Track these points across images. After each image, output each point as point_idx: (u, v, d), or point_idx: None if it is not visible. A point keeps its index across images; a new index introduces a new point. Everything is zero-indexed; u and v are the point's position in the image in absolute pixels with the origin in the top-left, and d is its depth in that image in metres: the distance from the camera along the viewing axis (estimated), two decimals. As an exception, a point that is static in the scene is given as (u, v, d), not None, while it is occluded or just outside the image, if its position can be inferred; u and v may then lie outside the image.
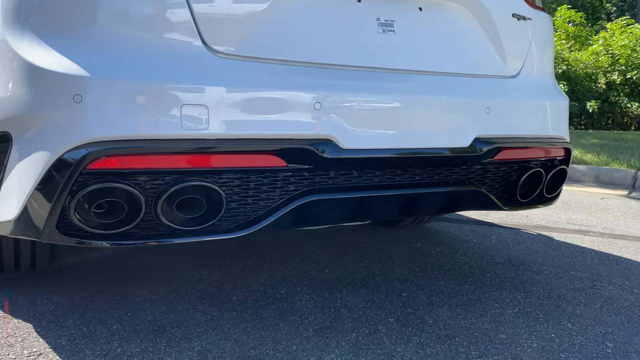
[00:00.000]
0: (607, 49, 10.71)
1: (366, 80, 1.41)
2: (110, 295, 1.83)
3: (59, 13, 1.21)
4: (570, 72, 10.67)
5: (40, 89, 1.18)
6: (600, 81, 10.60)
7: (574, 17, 11.79)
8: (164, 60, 1.21)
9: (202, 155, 1.23)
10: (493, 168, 1.67)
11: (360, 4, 1.45)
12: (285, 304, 1.79)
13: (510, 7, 1.69)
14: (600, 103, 10.34)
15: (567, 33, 11.74)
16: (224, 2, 1.28)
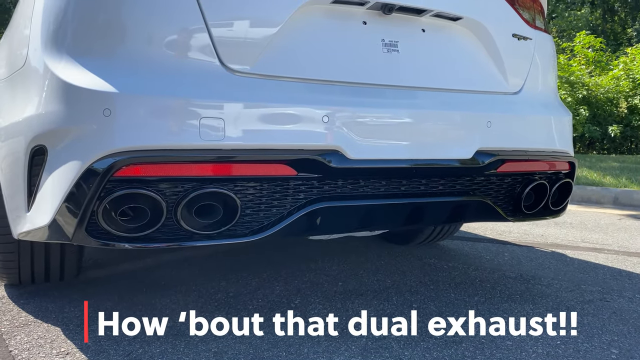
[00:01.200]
0: (628, 74, 10.68)
1: (371, 96, 1.51)
2: (133, 304, 1.93)
3: (91, 37, 1.34)
4: (590, 97, 10.65)
5: (74, 104, 1.30)
6: (621, 105, 10.55)
7: (593, 42, 11.82)
8: (185, 78, 1.33)
9: (218, 164, 1.34)
10: (497, 180, 1.74)
11: (366, 26, 1.57)
12: (298, 312, 1.86)
13: (510, 28, 1.79)
14: (622, 127, 10.27)
15: (587, 58, 11.75)
16: (240, 26, 1.40)
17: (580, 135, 10.55)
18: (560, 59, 11.23)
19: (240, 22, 1.40)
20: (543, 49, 1.92)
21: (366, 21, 1.57)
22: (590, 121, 10.43)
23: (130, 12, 1.34)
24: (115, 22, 1.34)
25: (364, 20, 1.57)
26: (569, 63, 11.26)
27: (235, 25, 1.39)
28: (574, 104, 10.37)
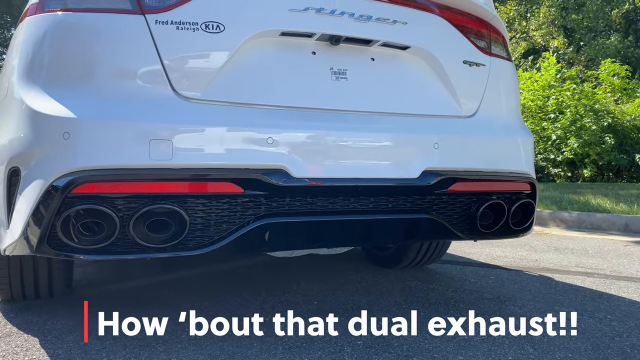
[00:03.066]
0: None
1: (316, 120, 1.62)
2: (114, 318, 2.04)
3: (57, 70, 1.51)
4: (617, 125, 10.49)
5: (40, 129, 1.46)
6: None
7: (618, 70, 11.70)
8: (138, 104, 1.47)
9: (166, 182, 1.46)
10: (449, 199, 1.80)
11: (315, 56, 1.69)
12: (265, 328, 1.94)
13: (460, 55, 1.88)
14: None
15: (612, 86, 11.62)
16: (191, 57, 1.54)
17: (607, 163, 10.37)
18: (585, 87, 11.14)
19: (191, 53, 1.54)
20: (500, 74, 2.00)
21: (315, 51, 1.69)
22: (616, 149, 10.25)
23: (90, 48, 1.50)
24: (77, 57, 1.50)
25: (313, 51, 1.69)
26: (594, 91, 11.15)
27: (187, 56, 1.54)
28: (599, 132, 10.22)
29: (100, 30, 1.50)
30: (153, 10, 1.51)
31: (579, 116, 10.54)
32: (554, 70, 11.61)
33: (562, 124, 10.61)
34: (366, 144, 1.65)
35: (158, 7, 1.52)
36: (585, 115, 10.47)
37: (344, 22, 1.68)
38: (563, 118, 10.64)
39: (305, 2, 1.64)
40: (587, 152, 10.25)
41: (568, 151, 10.40)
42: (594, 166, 10.39)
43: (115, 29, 1.50)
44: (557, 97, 11.03)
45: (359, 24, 1.70)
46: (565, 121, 10.56)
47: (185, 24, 1.52)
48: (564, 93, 11.00)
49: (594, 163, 10.39)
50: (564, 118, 10.61)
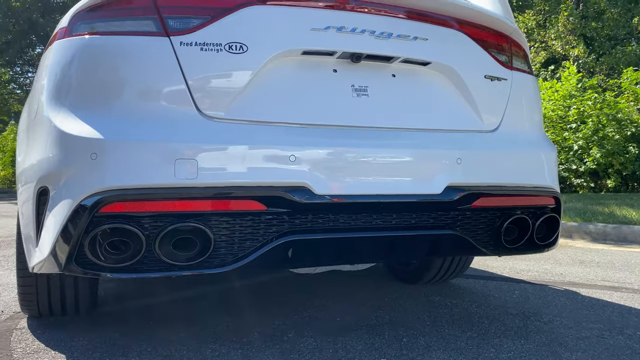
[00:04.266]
0: (680, 109, 10.32)
1: (338, 137, 1.63)
2: (137, 335, 2.06)
3: (85, 92, 1.54)
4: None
5: (68, 149, 1.49)
6: (674, 142, 10.15)
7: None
8: (163, 124, 1.50)
9: (191, 201, 1.48)
10: (473, 214, 1.79)
11: (337, 73, 1.70)
12: (288, 345, 1.94)
13: (482, 70, 1.88)
14: (676, 164, 9.86)
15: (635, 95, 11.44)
16: (215, 77, 1.56)
17: (632, 173, 10.19)
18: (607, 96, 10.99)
19: (215, 74, 1.56)
20: (522, 87, 1.99)
21: (336, 69, 1.71)
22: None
23: (117, 70, 1.53)
24: (104, 79, 1.53)
25: (335, 69, 1.70)
26: (617, 100, 11.00)
27: (211, 76, 1.56)
28: (622, 142, 10.06)
29: (127, 52, 1.54)
30: (178, 32, 1.54)
31: (601, 126, 10.40)
32: (574, 79, 11.49)
33: (584, 134, 10.48)
34: (388, 160, 1.65)
35: (182, 29, 1.55)
36: (607, 124, 10.32)
37: (365, 40, 1.69)
38: (585, 128, 10.51)
39: (326, 21, 1.66)
40: (610, 162, 10.09)
41: (591, 161, 10.24)
42: (617, 176, 10.22)
43: (141, 51, 1.53)
44: (578, 107, 10.91)
45: (380, 41, 1.71)
46: (587, 131, 10.42)
47: (209, 45, 1.55)
48: (585, 102, 10.88)
49: (617, 173, 10.22)
50: (586, 128, 10.48)
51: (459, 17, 1.87)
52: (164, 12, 1.56)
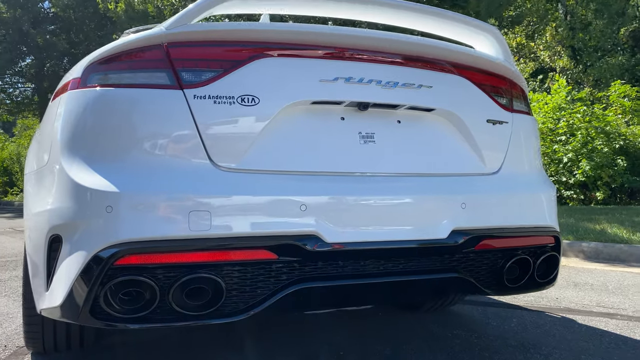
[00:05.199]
0: (667, 122, 10.50)
1: (347, 184, 1.66)
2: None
3: (99, 144, 1.57)
4: (629, 147, 10.49)
5: (83, 201, 1.51)
6: (661, 155, 10.32)
7: (629, 91, 11.71)
8: (177, 176, 1.53)
9: (205, 252, 1.51)
10: (476, 256, 1.83)
11: (344, 121, 1.74)
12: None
13: (484, 114, 1.93)
14: (663, 177, 10.02)
15: (623, 108, 11.63)
16: (227, 128, 1.60)
17: (620, 185, 10.34)
18: (595, 108, 11.16)
19: (228, 126, 1.60)
20: (522, 129, 2.04)
21: (344, 117, 1.75)
22: (629, 171, 10.22)
23: (131, 122, 1.56)
24: (118, 131, 1.56)
25: (342, 116, 1.75)
26: (605, 113, 11.17)
27: (224, 128, 1.59)
28: (611, 155, 10.21)
29: (141, 105, 1.57)
30: (191, 85, 1.58)
31: (590, 138, 10.55)
32: (564, 92, 11.65)
33: (573, 146, 10.61)
34: (396, 207, 1.69)
35: (196, 82, 1.58)
36: (596, 137, 10.47)
37: (372, 90, 1.74)
38: (574, 140, 10.65)
39: (334, 71, 1.70)
40: (599, 174, 10.22)
41: (580, 174, 10.38)
42: (606, 189, 10.35)
43: (156, 104, 1.56)
44: (567, 119, 11.06)
45: (387, 91, 1.75)
46: (576, 143, 10.56)
47: (222, 98, 1.58)
48: (575, 115, 11.03)
49: (606, 185, 10.36)
50: (575, 140, 10.62)
51: (462, 63, 1.92)
52: (177, 65, 1.59)
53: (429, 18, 1.96)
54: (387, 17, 2.08)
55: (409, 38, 1.82)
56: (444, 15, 1.95)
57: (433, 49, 1.87)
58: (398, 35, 1.81)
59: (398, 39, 1.81)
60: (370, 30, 1.81)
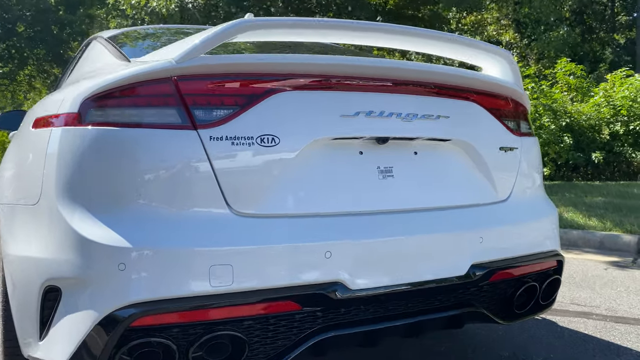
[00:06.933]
0: (609, 101, 10.95)
1: (370, 225, 1.59)
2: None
3: (106, 193, 1.41)
4: (574, 124, 10.89)
5: (90, 257, 1.37)
6: (604, 132, 10.80)
7: (574, 69, 12.11)
8: (195, 228, 1.41)
9: (227, 308, 1.41)
10: (489, 288, 1.82)
11: (362, 155, 1.66)
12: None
13: (496, 142, 1.89)
14: (605, 154, 10.51)
15: (568, 85, 12.03)
16: (247, 171, 1.47)
17: (565, 161, 10.78)
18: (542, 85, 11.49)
19: (248, 168, 1.47)
20: (529, 152, 2.02)
21: (362, 151, 1.66)
22: (574, 148, 10.65)
23: (141, 167, 1.41)
24: (126, 177, 1.41)
25: (361, 150, 1.66)
26: (552, 91, 11.52)
27: (243, 171, 1.47)
28: (558, 131, 10.58)
29: (152, 147, 1.42)
30: (206, 124, 1.44)
31: (537, 115, 10.87)
32: (513, 69, 11.90)
33: (522, 123, 10.92)
34: (418, 247, 1.64)
35: (211, 121, 1.45)
36: (544, 114, 10.81)
37: (392, 124, 1.65)
38: (523, 117, 10.95)
39: (355, 105, 1.60)
40: (546, 151, 10.60)
41: (529, 150, 10.71)
42: (552, 165, 10.77)
43: (168, 146, 1.42)
44: (517, 97, 11.34)
45: (406, 123, 1.68)
46: (525, 120, 10.87)
47: (240, 139, 1.45)
48: (524, 92, 11.31)
49: (552, 162, 10.77)
50: (524, 117, 10.93)
51: (477, 89, 1.86)
52: (189, 102, 1.45)
53: (447, 44, 1.88)
54: (407, 44, 1.99)
55: (429, 67, 1.75)
56: (459, 41, 1.88)
57: (452, 77, 1.80)
58: (418, 65, 1.73)
59: (419, 68, 1.73)
60: (390, 60, 1.73)
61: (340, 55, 1.84)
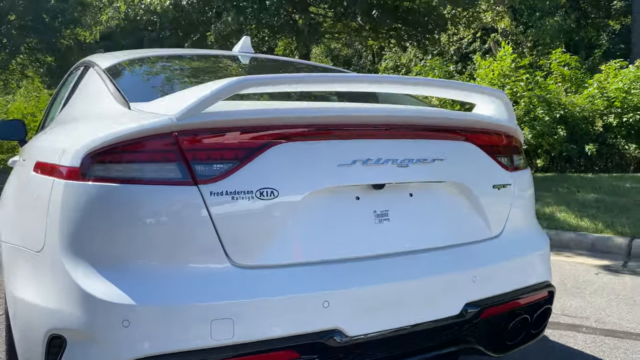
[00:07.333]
0: (602, 92, 10.99)
1: (366, 271, 1.63)
2: None
3: (109, 250, 1.45)
4: (567, 116, 10.94)
5: (94, 313, 1.41)
6: (597, 124, 10.86)
7: (569, 60, 12.12)
8: (196, 282, 1.44)
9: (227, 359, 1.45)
10: (482, 323, 1.87)
11: (359, 200, 1.69)
12: None
13: (490, 181, 1.92)
14: (598, 145, 10.58)
15: (562, 76, 12.06)
16: (247, 224, 1.50)
17: (559, 153, 10.85)
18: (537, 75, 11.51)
19: (248, 221, 1.50)
20: (521, 187, 2.06)
21: (359, 196, 1.69)
22: (567, 140, 10.71)
23: (143, 224, 1.44)
24: (129, 234, 1.44)
25: (357, 196, 1.69)
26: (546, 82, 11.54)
27: (243, 224, 1.50)
28: (552, 123, 10.63)
29: (153, 203, 1.45)
30: (207, 180, 1.47)
31: (532, 106, 10.91)
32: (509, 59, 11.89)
33: (516, 115, 10.97)
34: (414, 291, 1.68)
35: (212, 176, 1.47)
36: (538, 105, 10.84)
37: (388, 170, 1.69)
38: (517, 108, 10.99)
39: (352, 154, 1.63)
40: (540, 142, 10.66)
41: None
42: (546, 156, 10.84)
43: (170, 202, 1.45)
44: (512, 87, 11.36)
45: (401, 169, 1.71)
46: (519, 111, 10.91)
47: (240, 193, 1.48)
48: (518, 84, 11.34)
49: (546, 153, 10.84)
50: (518, 108, 10.96)
51: (473, 128, 1.90)
52: (189, 157, 1.47)
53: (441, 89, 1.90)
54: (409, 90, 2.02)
55: (424, 111, 1.78)
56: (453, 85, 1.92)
57: (447, 120, 1.83)
58: (413, 110, 1.76)
59: (414, 114, 1.76)
60: (385, 107, 1.75)
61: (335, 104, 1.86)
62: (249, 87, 1.53)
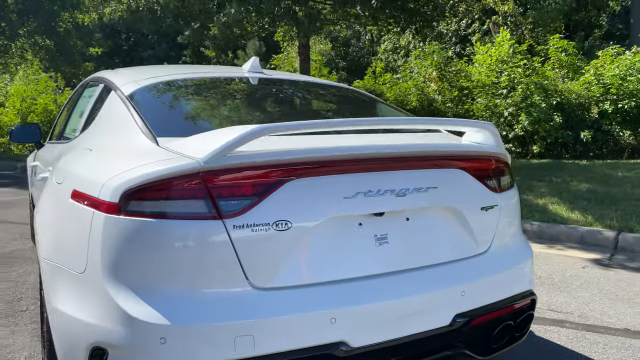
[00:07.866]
0: (599, 79, 11.14)
1: (369, 289, 1.86)
2: None
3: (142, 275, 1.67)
4: (564, 103, 11.12)
5: (135, 331, 1.64)
6: (593, 111, 11.04)
7: (566, 46, 12.23)
8: (222, 304, 1.67)
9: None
10: (470, 330, 2.11)
11: (362, 226, 1.91)
12: None
13: (478, 204, 2.15)
14: (593, 132, 10.79)
15: (560, 62, 12.18)
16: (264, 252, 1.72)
17: (555, 139, 11.05)
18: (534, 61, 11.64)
19: (265, 250, 1.72)
20: (508, 206, 2.28)
21: (362, 222, 1.91)
22: (563, 126, 10.91)
23: (175, 253, 1.66)
24: (163, 262, 1.66)
25: (360, 222, 1.91)
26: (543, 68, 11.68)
27: (261, 252, 1.72)
28: (548, 110, 10.81)
29: (183, 235, 1.66)
30: (230, 214, 1.69)
31: (529, 93, 11.08)
32: (507, 45, 12.00)
33: (514, 100, 11.14)
34: (411, 305, 1.91)
35: (234, 211, 1.69)
36: (535, 92, 11.01)
37: (387, 200, 1.90)
38: (515, 94, 11.15)
39: (355, 187, 1.85)
40: (536, 129, 10.86)
41: (519, 128, 10.98)
42: (542, 142, 11.05)
43: (199, 235, 1.66)
44: (509, 73, 11.51)
45: (399, 198, 1.93)
46: (516, 97, 11.08)
47: (259, 226, 1.70)
48: (516, 70, 11.48)
49: (542, 139, 11.05)
50: (516, 94, 11.13)
51: (464, 156, 2.12)
52: (214, 194, 1.69)
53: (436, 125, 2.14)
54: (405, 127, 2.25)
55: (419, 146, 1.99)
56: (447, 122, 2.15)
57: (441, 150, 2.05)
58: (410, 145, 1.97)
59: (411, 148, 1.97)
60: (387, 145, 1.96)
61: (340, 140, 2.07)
62: (268, 134, 1.74)
